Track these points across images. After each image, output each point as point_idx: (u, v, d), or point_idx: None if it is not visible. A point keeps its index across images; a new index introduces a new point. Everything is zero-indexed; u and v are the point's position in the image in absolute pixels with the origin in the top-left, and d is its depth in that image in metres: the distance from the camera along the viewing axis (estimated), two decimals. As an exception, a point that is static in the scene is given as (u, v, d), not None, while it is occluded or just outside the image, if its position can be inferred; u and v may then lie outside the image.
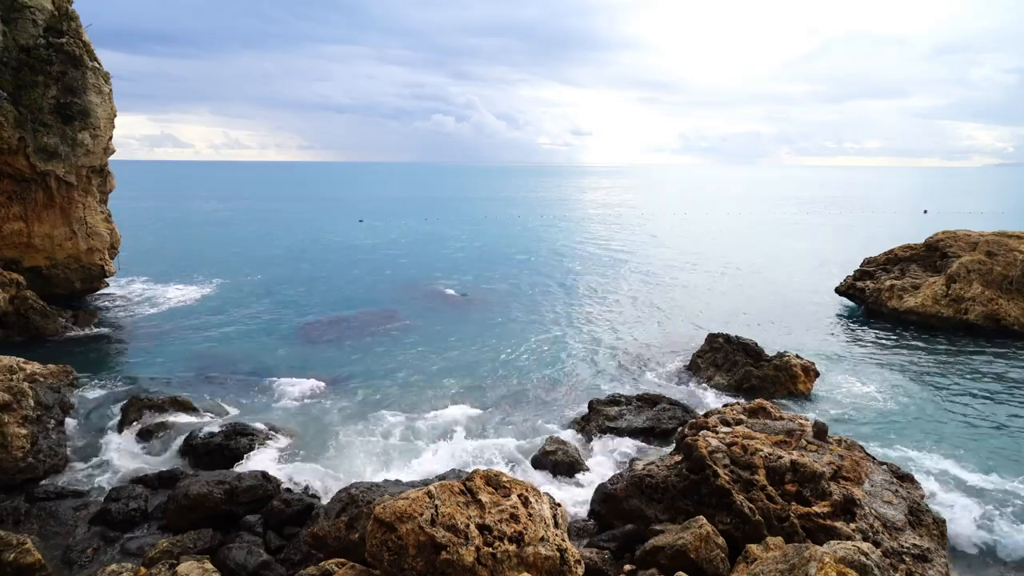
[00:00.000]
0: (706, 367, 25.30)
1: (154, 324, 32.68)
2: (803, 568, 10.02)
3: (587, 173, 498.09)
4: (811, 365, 23.72)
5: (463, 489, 11.51)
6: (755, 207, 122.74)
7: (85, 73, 31.84)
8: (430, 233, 74.72)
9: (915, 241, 39.04)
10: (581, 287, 43.71)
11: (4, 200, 31.31)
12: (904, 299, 33.44)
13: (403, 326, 33.07)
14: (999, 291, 30.53)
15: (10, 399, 17.89)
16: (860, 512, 13.38)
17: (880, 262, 38.51)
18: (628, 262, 54.57)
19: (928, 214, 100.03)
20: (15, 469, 16.60)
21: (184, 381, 24.64)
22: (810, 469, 14.05)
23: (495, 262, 53.70)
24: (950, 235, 36.52)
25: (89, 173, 33.67)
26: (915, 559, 12.53)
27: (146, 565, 12.97)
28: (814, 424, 16.56)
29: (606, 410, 21.02)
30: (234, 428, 19.45)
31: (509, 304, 38.27)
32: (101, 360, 26.89)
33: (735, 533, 13.33)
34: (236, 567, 12.83)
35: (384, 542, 10.63)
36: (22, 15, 30.29)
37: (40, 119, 30.49)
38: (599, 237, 72.84)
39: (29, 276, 31.15)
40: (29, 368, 20.32)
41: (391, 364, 26.96)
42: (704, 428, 16.39)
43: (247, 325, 32.98)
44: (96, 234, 34.24)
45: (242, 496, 15.42)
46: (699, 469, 14.51)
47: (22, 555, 12.55)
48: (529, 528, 10.94)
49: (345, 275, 47.06)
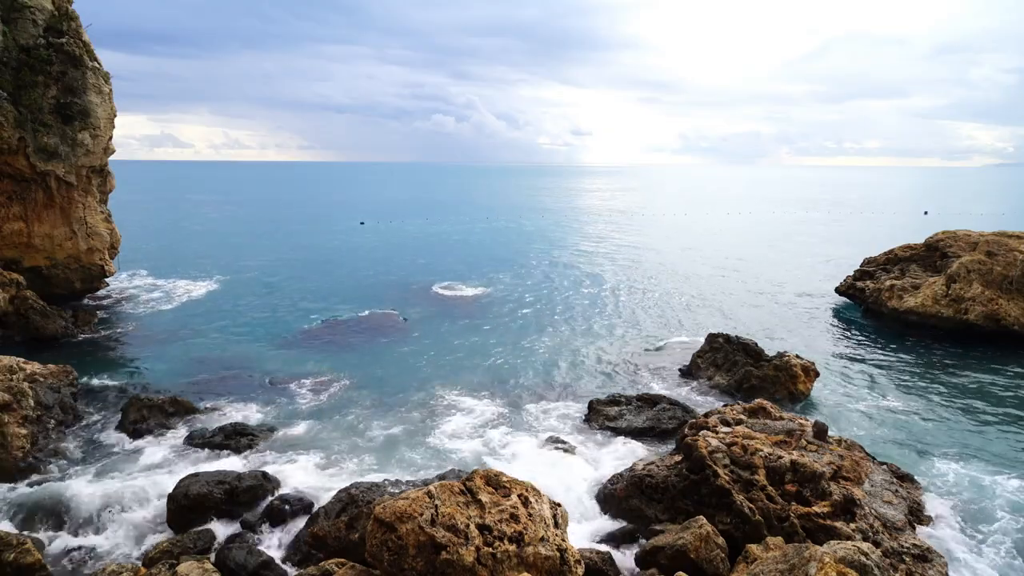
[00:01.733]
0: (706, 367, 25.30)
1: (154, 324, 32.68)
2: (803, 568, 10.02)
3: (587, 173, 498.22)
4: (811, 365, 23.72)
5: (463, 489, 11.51)
6: (755, 207, 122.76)
7: (85, 73, 31.85)
8: (431, 234, 74.75)
9: (915, 241, 39.05)
10: (581, 287, 43.71)
11: (4, 200, 31.32)
12: (904, 299, 33.43)
13: (404, 327, 33.09)
14: (999, 291, 30.53)
15: (10, 399, 17.90)
16: (860, 512, 13.39)
17: (880, 262, 38.51)
18: (628, 262, 54.57)
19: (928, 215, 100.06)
20: (15, 468, 16.62)
21: (184, 381, 24.63)
22: (810, 469, 14.05)
23: (495, 263, 53.69)
24: (950, 235, 36.51)
25: (89, 173, 33.68)
26: (915, 559, 12.53)
27: (146, 565, 12.97)
28: (814, 424, 16.57)
29: (606, 410, 21.01)
30: (234, 428, 19.47)
31: (509, 304, 38.27)
32: (101, 360, 26.89)
33: (735, 533, 13.33)
34: (236, 567, 12.83)
35: (384, 542, 10.63)
36: (22, 15, 30.30)
37: (40, 119, 30.50)
38: (599, 237, 72.85)
39: (29, 276, 31.17)
40: (29, 368, 20.33)
41: (391, 364, 26.96)
42: (704, 428, 16.40)
43: (247, 325, 32.99)
44: (96, 234, 34.25)
45: (242, 496, 15.43)
46: (699, 469, 14.52)
47: (22, 555, 12.55)
48: (529, 528, 10.94)
49: (345, 276, 47.06)
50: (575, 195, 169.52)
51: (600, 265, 52.94)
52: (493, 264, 52.73)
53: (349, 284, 43.92)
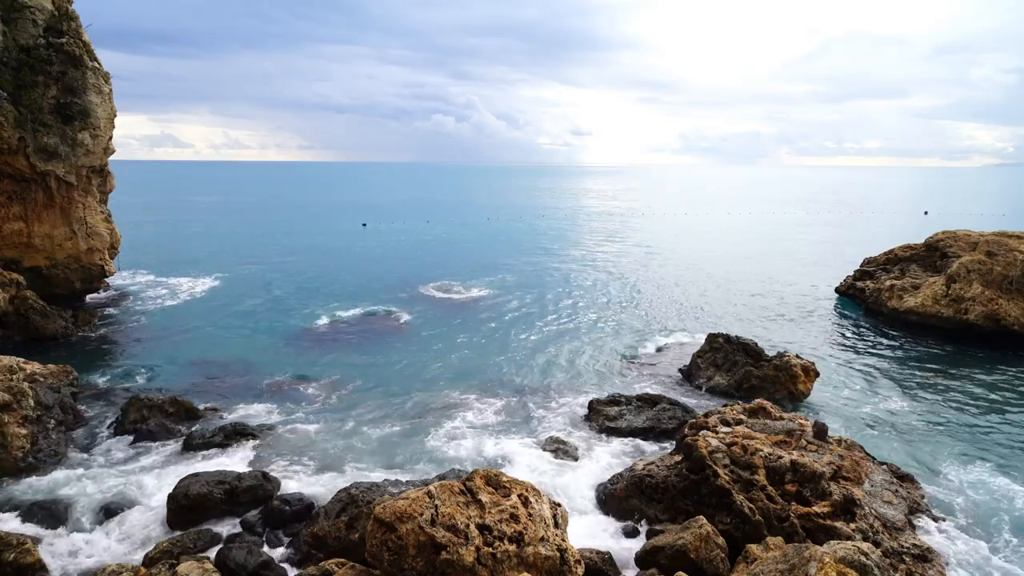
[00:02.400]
0: (706, 367, 25.29)
1: (154, 324, 32.69)
2: (803, 568, 10.02)
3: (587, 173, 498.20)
4: (811, 365, 23.72)
5: (463, 489, 11.51)
6: (755, 207, 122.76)
7: (85, 73, 31.84)
8: (431, 234, 74.77)
9: (915, 241, 39.05)
10: (581, 288, 43.72)
11: (4, 200, 31.31)
12: (904, 299, 33.43)
13: (404, 327, 33.09)
14: (999, 291, 30.53)
15: (10, 399, 17.90)
16: (860, 512, 13.39)
17: (880, 262, 38.52)
18: (628, 262, 54.58)
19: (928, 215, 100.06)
20: (15, 468, 16.62)
21: (184, 381, 24.64)
22: (810, 469, 14.05)
23: (496, 263, 53.71)
24: (950, 235, 36.52)
25: (89, 173, 33.67)
26: (915, 559, 12.53)
27: (146, 565, 12.97)
28: (814, 424, 16.57)
29: (606, 410, 21.02)
30: (234, 428, 19.47)
31: (509, 305, 38.27)
32: (101, 360, 26.89)
33: (735, 533, 13.33)
34: (236, 567, 12.83)
35: (384, 542, 10.63)
36: (22, 15, 30.28)
37: (40, 119, 30.49)
38: (599, 237, 72.88)
39: (29, 276, 31.16)
40: (29, 368, 20.33)
41: (391, 365, 26.96)
42: (704, 428, 16.40)
43: (247, 326, 32.98)
44: (96, 234, 34.24)
45: (242, 496, 15.43)
46: (699, 469, 14.52)
47: (22, 555, 12.55)
48: (529, 528, 10.94)
49: (346, 277, 47.06)
50: (575, 195, 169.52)
51: (600, 265, 52.95)
52: (494, 264, 52.73)
53: (350, 284, 43.91)
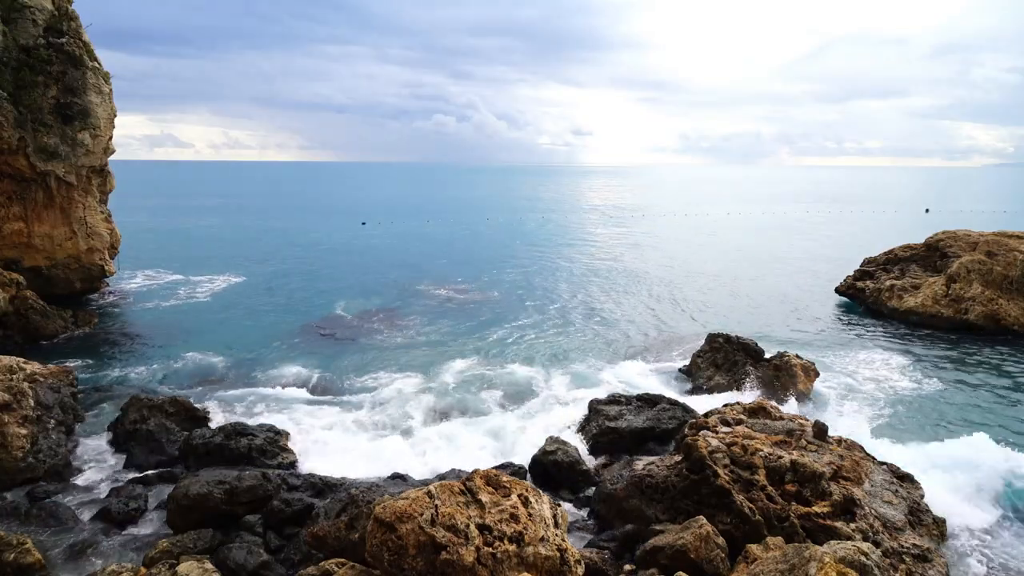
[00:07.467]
0: (706, 367, 25.28)
1: (154, 324, 32.68)
2: (803, 568, 10.02)
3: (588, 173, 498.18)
4: (811, 365, 23.71)
5: (463, 489, 11.51)
6: (755, 207, 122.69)
7: (85, 73, 31.85)
8: (432, 234, 74.79)
9: (915, 241, 39.03)
10: (581, 287, 43.72)
11: (4, 200, 31.32)
12: (904, 299, 33.43)
13: (404, 327, 33.09)
14: (999, 291, 30.52)
15: (10, 399, 17.89)
16: (860, 512, 13.38)
17: (880, 262, 38.50)
18: (628, 262, 54.57)
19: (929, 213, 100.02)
20: (15, 469, 16.60)
21: (184, 381, 24.65)
22: (810, 469, 14.04)
23: (496, 263, 53.70)
24: (950, 235, 36.50)
25: (89, 173, 33.69)
26: (915, 559, 12.53)
27: (146, 565, 12.96)
28: (814, 424, 16.56)
29: (606, 410, 20.99)
30: (234, 428, 19.43)
31: (510, 304, 38.28)
32: (101, 360, 26.88)
33: (735, 533, 13.32)
34: (236, 567, 12.83)
35: (384, 542, 10.62)
36: (22, 15, 30.29)
37: (40, 119, 30.50)
38: (600, 237, 72.87)
39: (29, 276, 31.16)
40: (29, 368, 20.29)
41: (392, 365, 26.97)
42: (704, 428, 16.39)
43: (248, 326, 32.98)
44: (96, 234, 34.25)
45: (242, 496, 15.40)
46: (699, 469, 14.51)
47: (22, 555, 12.55)
48: (529, 528, 10.93)
49: (346, 276, 47.07)
50: (576, 195, 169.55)
51: (600, 265, 52.94)
52: (494, 264, 52.73)
53: (350, 284, 43.91)
